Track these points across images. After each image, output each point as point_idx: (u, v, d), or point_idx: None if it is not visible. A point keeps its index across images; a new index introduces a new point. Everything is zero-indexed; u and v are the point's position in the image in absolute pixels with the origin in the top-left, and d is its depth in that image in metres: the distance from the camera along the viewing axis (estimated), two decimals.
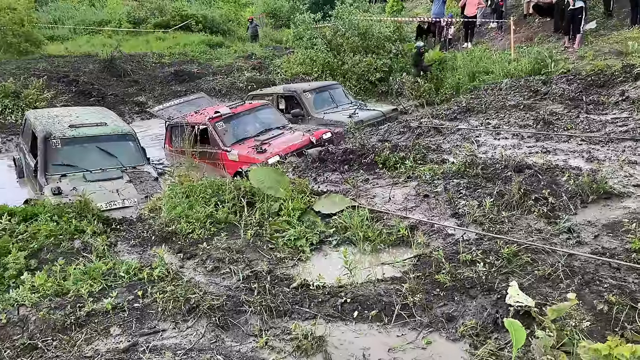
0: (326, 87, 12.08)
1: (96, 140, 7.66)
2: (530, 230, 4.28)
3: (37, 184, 7.20)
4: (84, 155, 7.45)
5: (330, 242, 4.60)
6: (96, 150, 7.55)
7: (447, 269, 3.72)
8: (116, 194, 6.70)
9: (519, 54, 13.45)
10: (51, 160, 7.22)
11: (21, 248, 4.39)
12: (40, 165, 7.15)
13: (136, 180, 7.10)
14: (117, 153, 7.65)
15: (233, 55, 20.05)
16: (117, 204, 6.44)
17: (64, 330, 3.38)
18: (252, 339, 3.22)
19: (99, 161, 7.45)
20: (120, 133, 7.95)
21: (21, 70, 15.39)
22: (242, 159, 8.29)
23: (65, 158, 7.30)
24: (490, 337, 3.11)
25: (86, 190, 6.06)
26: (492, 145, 6.82)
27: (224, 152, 8.58)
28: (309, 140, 8.72)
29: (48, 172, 7.10)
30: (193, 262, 4.28)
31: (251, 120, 9.38)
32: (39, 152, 7.28)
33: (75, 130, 7.66)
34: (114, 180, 7.08)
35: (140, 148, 8.05)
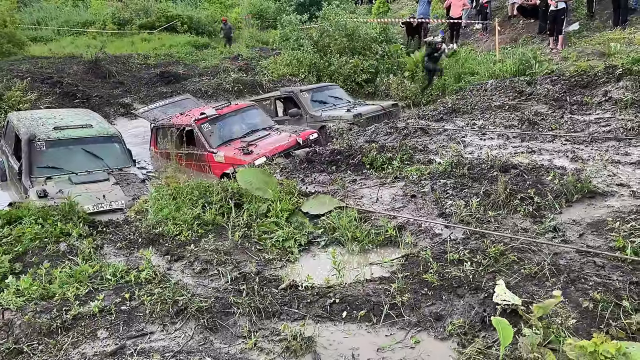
0: (324, 87, 12.15)
1: (81, 142, 7.57)
2: (516, 229, 4.33)
3: (21, 187, 7.09)
4: (69, 157, 7.34)
5: (319, 242, 4.61)
6: (82, 152, 7.46)
7: (434, 269, 3.75)
8: (103, 196, 6.62)
9: (504, 55, 13.59)
10: (36, 162, 7.12)
11: (5, 251, 4.33)
12: (25, 168, 7.05)
13: (123, 182, 7.03)
14: (103, 155, 7.57)
15: (219, 57, 19.96)
16: (104, 206, 6.38)
17: (50, 334, 3.34)
18: (241, 341, 3.21)
19: (85, 163, 7.36)
20: (105, 135, 7.87)
21: (4, 71, 15.16)
22: (228, 160, 8.26)
23: (50, 160, 7.20)
24: (478, 335, 3.13)
25: (72, 193, 5.99)
26: (478, 145, 6.88)
27: (210, 154, 8.54)
28: (295, 141, 8.72)
29: (33, 175, 7.00)
30: (181, 264, 4.25)
31: (237, 121, 9.35)
32: (23, 155, 7.17)
33: (60, 132, 7.57)
34: (100, 182, 7.00)
35: (126, 150, 7.97)
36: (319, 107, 10.99)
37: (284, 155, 8.13)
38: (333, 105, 11.16)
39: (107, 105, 14.07)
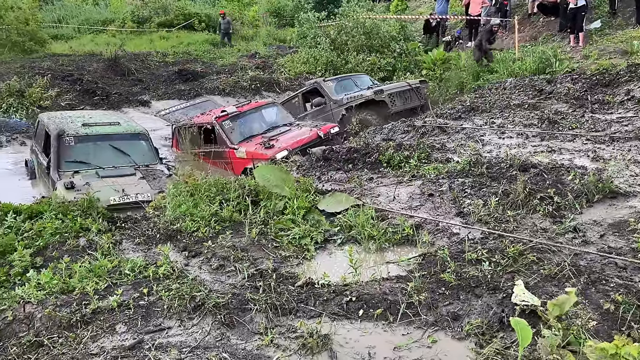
0: (349, 76, 12.23)
1: (109, 139, 7.70)
2: (535, 229, 4.27)
3: (49, 180, 7.21)
4: (96, 152, 7.47)
5: (335, 240, 4.60)
6: (109, 148, 7.59)
7: (452, 268, 3.72)
8: (129, 188, 6.70)
9: (523, 53, 13.42)
10: (64, 157, 7.25)
11: (27, 246, 4.41)
12: (53, 162, 7.18)
13: (149, 177, 7.12)
14: (130, 151, 7.69)
15: (236, 54, 20.05)
16: (130, 198, 6.43)
17: (70, 327, 3.38)
18: (257, 337, 3.22)
19: (112, 159, 7.48)
20: (133, 132, 8.02)
21: (26, 69, 15.43)
22: (249, 155, 8.31)
23: (78, 155, 7.34)
24: (496, 336, 3.09)
25: (99, 185, 6.09)
26: (497, 144, 6.80)
27: (232, 150, 8.59)
28: (316, 135, 8.75)
29: (61, 169, 7.12)
30: (198, 260, 4.28)
31: (258, 118, 9.43)
32: (52, 149, 7.31)
33: (89, 129, 7.72)
34: (127, 176, 7.10)
35: (152, 147, 8.11)
36: (342, 93, 11.03)
37: (301, 151, 8.14)
38: (358, 89, 11.16)
39: (126, 103, 14.23)
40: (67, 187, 6.51)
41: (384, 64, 15.61)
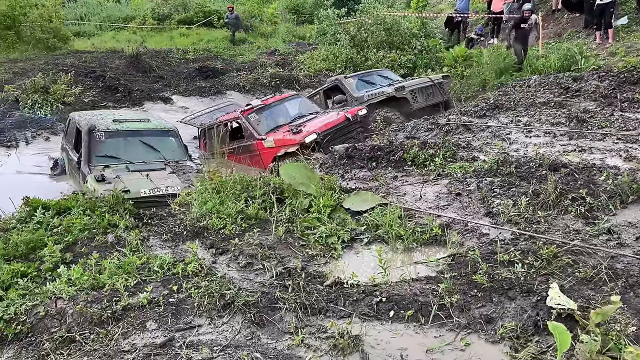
0: (372, 72, 12.13)
1: (139, 135, 7.78)
2: (568, 230, 4.18)
3: (80, 175, 7.29)
4: (127, 148, 7.55)
5: (362, 239, 4.55)
6: (139, 144, 7.66)
7: (484, 270, 3.65)
8: (159, 182, 6.74)
9: (547, 50, 13.20)
10: (95, 152, 7.33)
11: (56, 241, 4.45)
12: (84, 156, 7.26)
13: (179, 172, 7.17)
14: (160, 147, 7.75)
15: (256, 52, 20.07)
16: (161, 190, 6.48)
17: (101, 323, 3.41)
18: (287, 337, 3.20)
19: (142, 154, 7.54)
20: (162, 128, 8.12)
21: (50, 65, 15.61)
22: (278, 143, 8.30)
23: (108, 150, 7.41)
24: (531, 340, 3.03)
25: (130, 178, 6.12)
26: (524, 143, 6.69)
27: (260, 142, 8.59)
28: (344, 117, 8.71)
29: (91, 163, 7.19)
30: (225, 258, 4.28)
31: (283, 109, 9.42)
32: (83, 144, 7.39)
33: (119, 124, 7.82)
34: (157, 171, 7.15)
35: (182, 144, 8.18)
36: (363, 89, 10.95)
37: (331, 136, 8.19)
38: (379, 86, 11.09)
39: (148, 99, 14.32)
40: (97, 179, 6.56)
41: (404, 60, 15.47)
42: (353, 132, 8.91)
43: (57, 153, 10.29)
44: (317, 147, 8.21)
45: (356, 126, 9.03)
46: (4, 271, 3.91)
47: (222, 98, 15.12)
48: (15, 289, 3.78)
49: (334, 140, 8.46)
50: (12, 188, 8.22)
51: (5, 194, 7.40)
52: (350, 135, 8.81)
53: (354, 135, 8.87)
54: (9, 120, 11.94)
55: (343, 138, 8.66)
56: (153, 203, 6.03)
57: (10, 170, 9.54)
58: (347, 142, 8.67)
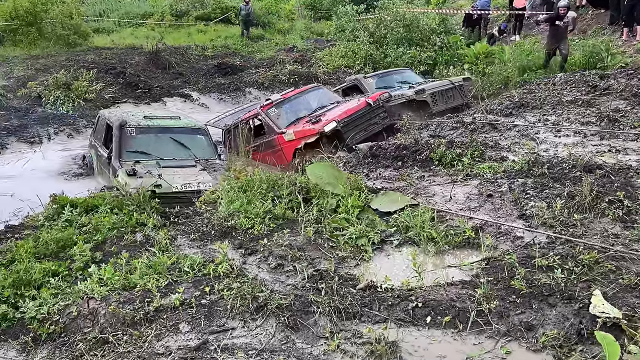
0: (392, 72, 11.96)
1: (170, 132, 7.81)
2: (606, 234, 4.06)
3: (110, 170, 7.29)
4: (157, 144, 7.55)
5: (392, 242, 4.48)
6: (170, 141, 7.66)
7: (521, 275, 3.56)
8: (191, 178, 6.74)
9: (572, 48, 12.95)
10: (126, 147, 7.34)
11: (86, 240, 4.45)
12: (115, 151, 7.26)
13: (209, 169, 7.16)
14: (190, 145, 7.76)
15: (274, 48, 20.03)
16: (192, 186, 6.46)
17: (134, 325, 3.39)
18: (323, 341, 3.15)
19: (173, 151, 7.53)
20: (193, 127, 8.19)
21: (71, 62, 15.73)
22: (298, 135, 8.23)
23: (139, 146, 7.42)
24: (575, 349, 2.94)
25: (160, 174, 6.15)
26: (553, 142, 6.54)
27: (280, 136, 8.51)
28: (365, 103, 8.57)
29: (122, 159, 7.19)
30: (255, 259, 4.24)
31: (303, 101, 9.30)
32: (114, 139, 7.40)
33: (150, 121, 7.87)
34: (187, 167, 7.15)
35: (212, 143, 8.19)
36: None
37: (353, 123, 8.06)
38: (399, 87, 10.94)
39: (168, 96, 14.36)
40: (129, 173, 6.56)
41: (424, 57, 15.31)
42: (376, 118, 8.71)
43: (79, 151, 10.38)
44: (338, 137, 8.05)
45: (379, 112, 8.83)
46: (36, 270, 3.91)
47: (241, 95, 15.14)
48: (47, 288, 3.78)
49: (355, 128, 8.30)
50: (38, 185, 8.31)
51: (32, 191, 7.48)
52: (373, 122, 8.61)
53: (377, 122, 8.67)
54: (32, 117, 12.07)
55: (365, 125, 8.49)
56: (183, 199, 6.01)
57: (35, 167, 9.61)
58: (370, 129, 8.52)
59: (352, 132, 8.28)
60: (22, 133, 11.18)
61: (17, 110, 12.13)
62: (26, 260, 4.06)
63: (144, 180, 6.16)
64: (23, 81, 13.90)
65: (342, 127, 8.09)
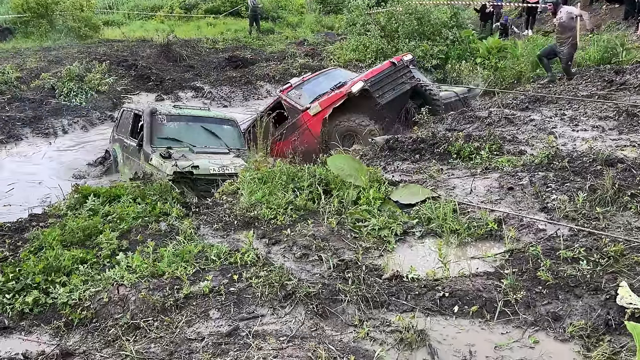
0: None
1: (200, 121, 7.84)
2: (630, 227, 4.08)
3: (141, 156, 7.26)
4: (188, 132, 7.58)
5: (414, 233, 4.51)
6: (201, 130, 7.70)
7: (547, 266, 3.58)
8: (225, 162, 6.77)
9: (585, 42, 12.88)
10: (157, 133, 7.33)
11: (112, 229, 4.50)
12: (147, 137, 7.24)
13: (243, 157, 7.20)
14: (221, 135, 7.80)
15: (285, 42, 20.03)
16: (229, 169, 6.51)
17: (164, 311, 3.43)
18: (352, 329, 3.19)
19: (204, 139, 7.55)
20: (223, 117, 8.28)
21: (83, 54, 15.82)
22: (324, 104, 8.23)
23: (170, 133, 7.44)
24: (602, 339, 2.97)
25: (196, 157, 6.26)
26: (571, 137, 6.55)
27: (305, 113, 8.46)
28: (389, 64, 8.64)
29: (153, 145, 7.17)
30: (279, 248, 4.28)
31: (323, 81, 9.24)
32: (144, 126, 7.39)
33: (180, 109, 7.93)
34: (221, 154, 7.17)
35: (242, 135, 8.22)
36: None
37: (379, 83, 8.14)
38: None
39: (180, 89, 14.41)
40: (163, 156, 6.57)
41: (436, 51, 15.26)
42: (403, 78, 8.76)
43: (93, 144, 10.46)
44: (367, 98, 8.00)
45: (404, 71, 8.85)
46: (65, 257, 3.97)
47: (252, 88, 15.16)
48: (76, 275, 3.83)
49: (384, 87, 8.32)
50: (55, 177, 8.40)
51: (51, 182, 7.58)
52: (400, 81, 8.65)
53: (405, 81, 8.71)
54: (46, 108, 12.15)
55: (393, 84, 8.53)
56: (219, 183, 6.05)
57: (52, 159, 9.71)
58: (398, 88, 8.56)
59: (381, 91, 8.31)
60: (37, 124, 11.27)
61: (32, 102, 12.21)
62: (55, 247, 4.12)
63: (180, 163, 6.17)
64: (36, 73, 13.99)
65: (370, 86, 8.08)
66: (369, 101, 8.24)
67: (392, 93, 8.48)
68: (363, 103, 8.26)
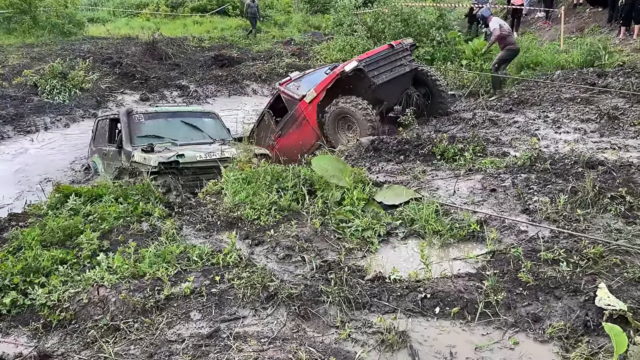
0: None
1: (180, 116, 7.73)
2: (609, 229, 4.13)
3: (122, 157, 7.06)
4: (169, 128, 7.44)
5: (397, 234, 4.52)
6: (181, 124, 7.56)
7: (527, 267, 3.61)
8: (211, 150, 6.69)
9: (569, 45, 13.03)
10: (136, 133, 7.17)
11: (93, 229, 4.44)
12: (126, 137, 7.07)
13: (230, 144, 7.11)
14: (203, 128, 7.66)
15: (272, 41, 19.97)
16: (216, 154, 6.42)
17: (145, 312, 3.40)
18: (333, 330, 3.19)
19: (186, 133, 7.40)
20: (202, 111, 8.22)
21: (66, 51, 15.62)
22: (318, 89, 7.97)
23: (149, 130, 7.29)
24: (581, 340, 3.00)
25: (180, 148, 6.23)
26: (554, 139, 6.62)
27: (302, 102, 8.21)
28: (388, 46, 8.47)
29: (134, 144, 7.01)
30: (262, 249, 4.26)
31: (322, 73, 8.93)
32: (122, 127, 7.21)
33: (157, 107, 7.84)
34: (206, 144, 7.04)
35: (225, 126, 8.07)
36: None
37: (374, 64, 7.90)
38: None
39: (165, 87, 14.30)
40: (146, 150, 6.46)
41: (422, 52, 15.32)
42: (402, 60, 8.49)
43: (74, 141, 10.33)
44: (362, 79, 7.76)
45: (404, 54, 8.60)
46: (44, 257, 3.91)
47: (238, 87, 15.10)
48: (56, 276, 3.78)
49: (379, 68, 8.04)
50: (36, 175, 8.28)
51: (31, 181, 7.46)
52: (399, 64, 8.39)
53: (404, 64, 8.46)
54: (28, 106, 11.98)
55: (390, 67, 8.24)
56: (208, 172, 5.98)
57: (33, 157, 9.56)
58: (396, 70, 8.25)
59: (376, 71, 7.99)
60: (18, 122, 11.11)
61: (14, 99, 12.03)
62: (34, 247, 4.06)
63: (164, 154, 6.06)
64: (18, 70, 13.78)
65: (365, 66, 7.80)
66: (363, 82, 7.93)
67: (388, 74, 8.14)
68: (358, 85, 7.98)
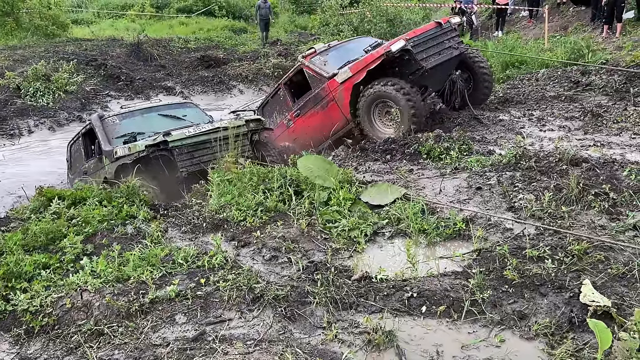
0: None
1: (156, 110, 7.51)
2: (593, 226, 4.16)
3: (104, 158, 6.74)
4: (148, 122, 7.18)
5: (384, 234, 4.52)
6: (160, 117, 7.31)
7: (513, 265, 3.63)
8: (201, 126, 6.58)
9: (553, 44, 13.15)
10: (113, 134, 6.92)
11: (76, 232, 4.39)
12: (103, 140, 6.80)
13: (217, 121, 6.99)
14: (184, 116, 7.46)
15: (258, 41, 19.91)
16: (205, 127, 6.31)
17: (129, 316, 3.36)
18: (320, 331, 3.17)
19: (168, 124, 7.05)
20: (179, 102, 8.07)
21: (50, 53, 15.44)
22: (355, 69, 7.06)
23: (127, 129, 7.01)
24: (566, 337, 3.01)
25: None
26: (539, 137, 6.66)
27: (332, 80, 7.31)
28: (435, 24, 7.50)
29: (113, 145, 6.75)
30: (249, 251, 4.24)
31: (352, 47, 8.06)
32: (98, 133, 6.94)
33: (129, 107, 7.70)
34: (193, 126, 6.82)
35: (206, 114, 7.87)
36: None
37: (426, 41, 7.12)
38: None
39: (150, 88, 14.19)
40: (127, 141, 6.28)
41: None
42: (450, 42, 7.55)
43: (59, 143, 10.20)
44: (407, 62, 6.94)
45: (452, 34, 7.68)
46: (27, 262, 3.85)
47: (224, 88, 15.04)
48: (38, 281, 3.72)
49: (428, 50, 7.13)
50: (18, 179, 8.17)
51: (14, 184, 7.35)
52: (448, 45, 7.45)
53: (453, 45, 7.52)
54: (11, 109, 11.82)
55: (438, 47, 7.31)
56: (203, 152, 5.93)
57: (16, 160, 9.44)
58: (444, 52, 7.35)
59: (425, 53, 7.05)
60: (1, 125, 10.96)
61: None
62: (16, 252, 3.99)
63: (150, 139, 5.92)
64: (1, 72, 13.57)
65: (413, 47, 6.88)
66: (408, 66, 7.06)
67: (437, 57, 7.18)
68: (401, 68, 7.13)
